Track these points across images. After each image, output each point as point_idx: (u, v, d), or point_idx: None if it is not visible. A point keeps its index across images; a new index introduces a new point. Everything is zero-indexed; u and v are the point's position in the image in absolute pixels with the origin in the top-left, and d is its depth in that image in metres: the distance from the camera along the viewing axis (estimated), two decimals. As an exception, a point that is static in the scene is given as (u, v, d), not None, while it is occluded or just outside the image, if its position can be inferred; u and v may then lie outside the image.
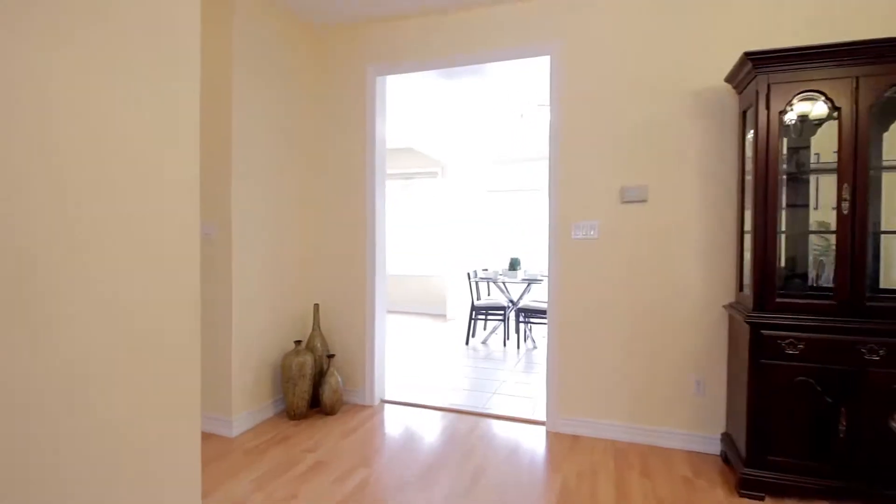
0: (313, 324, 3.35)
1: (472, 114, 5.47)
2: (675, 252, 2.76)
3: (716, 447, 2.65)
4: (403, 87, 4.48)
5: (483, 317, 5.88)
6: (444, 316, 7.36)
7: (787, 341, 2.14)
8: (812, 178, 2.45)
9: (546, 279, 2.92)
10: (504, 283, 5.24)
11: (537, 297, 5.65)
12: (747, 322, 2.18)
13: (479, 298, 5.55)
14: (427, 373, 4.19)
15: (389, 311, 7.70)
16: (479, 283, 5.54)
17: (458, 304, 7.04)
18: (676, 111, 2.74)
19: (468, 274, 5.25)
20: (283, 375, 3.08)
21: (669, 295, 2.77)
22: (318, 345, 3.33)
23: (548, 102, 3.91)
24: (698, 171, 2.72)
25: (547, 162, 3.18)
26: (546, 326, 3.07)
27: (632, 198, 2.81)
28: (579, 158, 2.93)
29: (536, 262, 7.14)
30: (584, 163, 2.92)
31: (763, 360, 2.16)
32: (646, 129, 2.80)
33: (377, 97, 3.36)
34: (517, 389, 3.75)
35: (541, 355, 4.83)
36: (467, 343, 5.32)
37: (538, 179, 6.99)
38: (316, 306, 3.35)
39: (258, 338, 3.03)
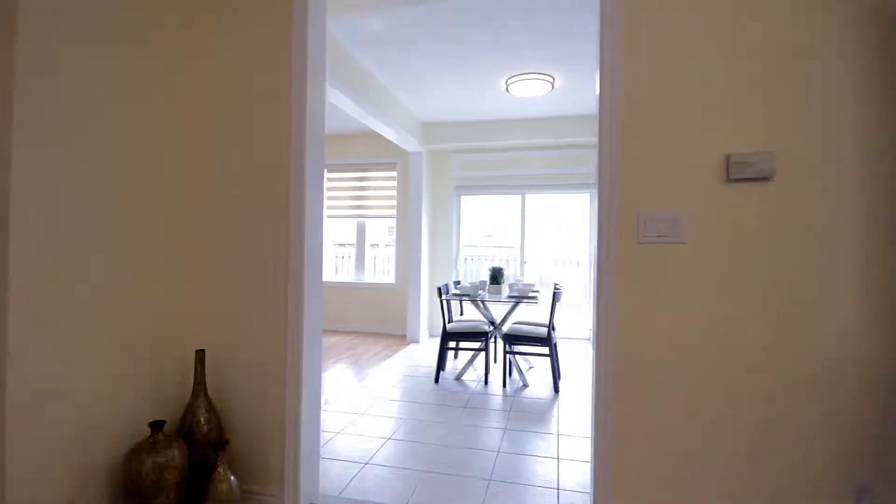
0: (194, 385, 1.98)
1: (445, 73, 4.23)
2: (820, 270, 1.61)
3: None
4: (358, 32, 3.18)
5: (455, 343, 4.63)
6: (403, 337, 6.05)
7: None
8: None
9: (538, 295, 1.77)
10: (484, 301, 4.02)
11: (526, 316, 4.45)
12: None
13: (450, 321, 4.29)
14: (383, 432, 2.88)
15: (329, 331, 6.29)
16: (454, 301, 4.28)
17: (423, 323, 5.75)
18: (835, 31, 1.61)
19: (439, 289, 4.00)
20: (128, 488, 1.70)
21: (809, 341, 1.62)
22: (202, 421, 1.96)
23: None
24: (866, 137, 1.59)
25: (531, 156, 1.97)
26: (548, 359, 1.84)
27: (745, 173, 1.65)
28: (653, 104, 1.74)
29: (530, 272, 5.97)
30: (662, 112, 1.73)
31: None
32: (777, 57, 1.65)
33: (311, 47, 2.04)
34: (520, 469, 2.52)
35: (536, 399, 3.62)
36: (437, 380, 4.04)
37: (526, 176, 5.83)
38: (199, 354, 1.98)
39: (74, 421, 1.62)
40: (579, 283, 6.02)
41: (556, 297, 3.79)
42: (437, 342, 5.70)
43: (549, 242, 6.07)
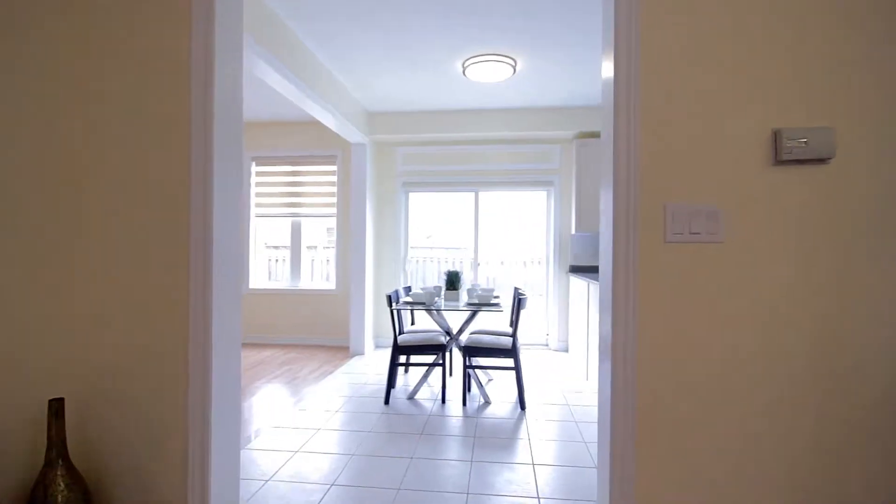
0: (47, 448, 1.38)
1: (393, 55, 3.73)
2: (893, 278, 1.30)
3: None
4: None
5: (407, 357, 4.13)
6: (346, 348, 5.45)
7: None
8: None
9: (499, 302, 1.38)
10: (439, 310, 3.56)
11: (484, 324, 4.04)
12: None
13: (401, 332, 3.79)
14: (325, 474, 2.34)
15: (260, 344, 5.58)
16: (410, 310, 3.77)
17: (368, 333, 5.20)
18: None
19: (389, 297, 3.49)
20: None
21: (889, 375, 1.30)
22: (59, 500, 1.35)
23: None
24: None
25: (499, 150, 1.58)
26: (512, 372, 1.44)
27: (798, 153, 1.31)
28: (679, 65, 1.36)
29: (484, 274, 5.56)
30: (692, 77, 1.36)
31: None
32: (838, 5, 1.32)
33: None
34: (498, 515, 2.08)
35: (501, 419, 3.21)
36: (387, 400, 3.52)
37: (481, 172, 5.43)
38: (54, 406, 1.38)
39: None
40: (535, 285, 5.72)
41: (520, 303, 3.41)
42: (384, 353, 5.16)
43: (504, 243, 5.73)
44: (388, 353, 5.21)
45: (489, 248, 5.71)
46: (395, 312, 3.56)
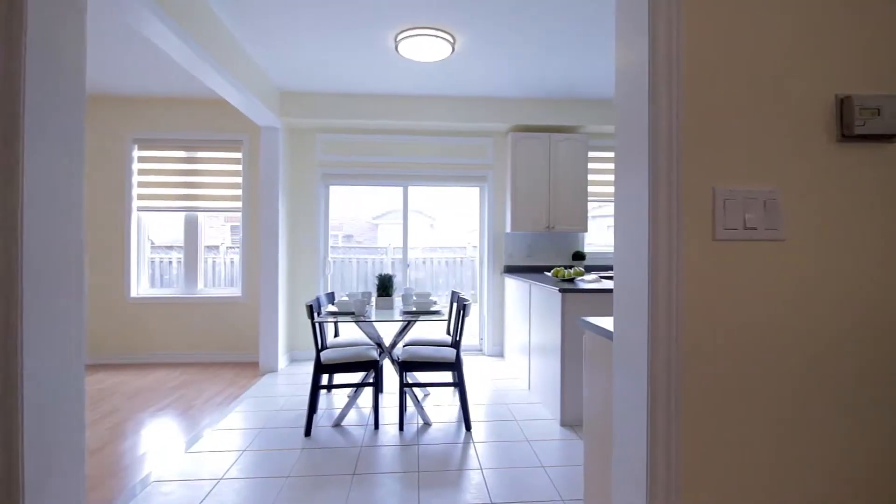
0: None
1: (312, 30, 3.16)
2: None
3: None
4: None
5: (331, 376, 3.56)
6: (254, 365, 4.72)
7: None
8: None
9: (440, 309, 1.05)
10: (369, 319, 3.05)
11: (422, 333, 3.58)
12: None
13: (324, 346, 3.22)
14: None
15: (148, 364, 4.66)
16: (334, 322, 3.18)
17: (281, 345, 4.52)
18: None
19: (310, 307, 2.91)
20: None
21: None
22: None
23: None
24: None
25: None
26: (452, 387, 1.07)
27: (869, 126, 1.02)
28: (724, 10, 1.02)
29: (419, 277, 5.07)
30: (741, 22, 1.02)
31: None
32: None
33: None
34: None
35: (446, 444, 2.79)
36: (308, 431, 2.95)
37: (410, 165, 4.95)
38: None
39: None
40: (467, 286, 5.38)
41: (464, 310, 3.01)
42: (300, 369, 4.51)
43: (434, 242, 5.33)
44: (305, 368, 4.57)
45: (420, 247, 5.27)
46: (316, 326, 2.99)
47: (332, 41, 3.45)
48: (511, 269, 5.00)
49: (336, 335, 3.81)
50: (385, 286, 3.28)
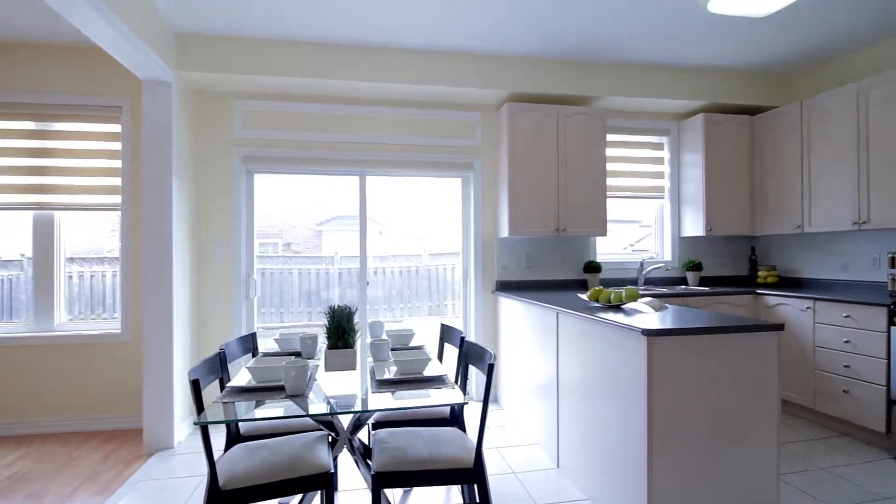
0: None
1: None
2: None
3: None
4: None
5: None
6: (137, 434, 3.17)
7: None
8: None
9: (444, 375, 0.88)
10: (327, 415, 1.71)
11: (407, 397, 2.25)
12: None
13: (237, 433, 1.83)
14: None
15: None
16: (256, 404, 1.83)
17: (178, 406, 3.03)
18: None
19: (194, 382, 1.53)
20: None
21: None
22: None
23: None
24: None
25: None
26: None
27: None
28: None
29: (377, 295, 3.69)
30: None
31: None
32: None
33: None
34: None
35: None
36: None
37: (370, 146, 3.60)
38: None
39: None
40: (446, 309, 4.11)
41: (468, 359, 1.73)
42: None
43: (401, 249, 4.03)
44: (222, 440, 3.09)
45: (381, 256, 3.95)
46: (230, 400, 1.59)
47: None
48: (506, 286, 3.77)
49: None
50: (341, 330, 1.93)
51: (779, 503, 1.96)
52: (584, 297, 2.73)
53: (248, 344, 2.27)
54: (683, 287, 3.89)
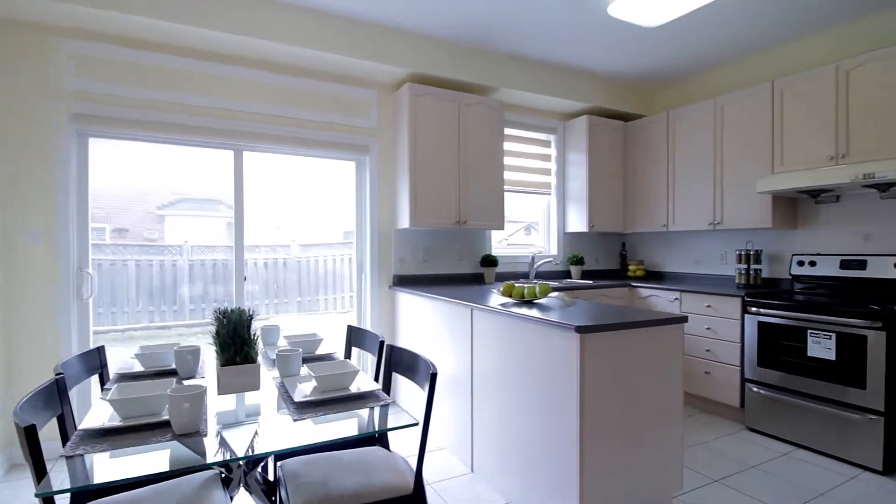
0: None
1: None
2: None
3: None
4: None
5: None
6: None
7: None
8: None
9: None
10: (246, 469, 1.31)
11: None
12: None
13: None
14: None
15: None
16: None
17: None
18: None
19: (30, 427, 1.02)
20: None
21: None
22: None
23: None
24: None
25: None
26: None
27: None
28: None
29: (252, 290, 3.12)
30: None
31: None
32: None
33: None
34: None
35: None
36: None
37: (248, 116, 3.01)
38: None
39: None
40: (336, 304, 3.73)
41: (433, 378, 1.49)
42: (31, 488, 2.25)
43: (284, 236, 3.54)
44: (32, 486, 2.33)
45: (257, 245, 3.41)
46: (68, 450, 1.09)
47: None
48: (404, 281, 3.54)
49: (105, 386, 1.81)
50: (239, 341, 1.51)
51: (682, 481, 2.09)
52: (496, 292, 2.64)
53: (94, 362, 1.69)
54: (569, 280, 4.09)
